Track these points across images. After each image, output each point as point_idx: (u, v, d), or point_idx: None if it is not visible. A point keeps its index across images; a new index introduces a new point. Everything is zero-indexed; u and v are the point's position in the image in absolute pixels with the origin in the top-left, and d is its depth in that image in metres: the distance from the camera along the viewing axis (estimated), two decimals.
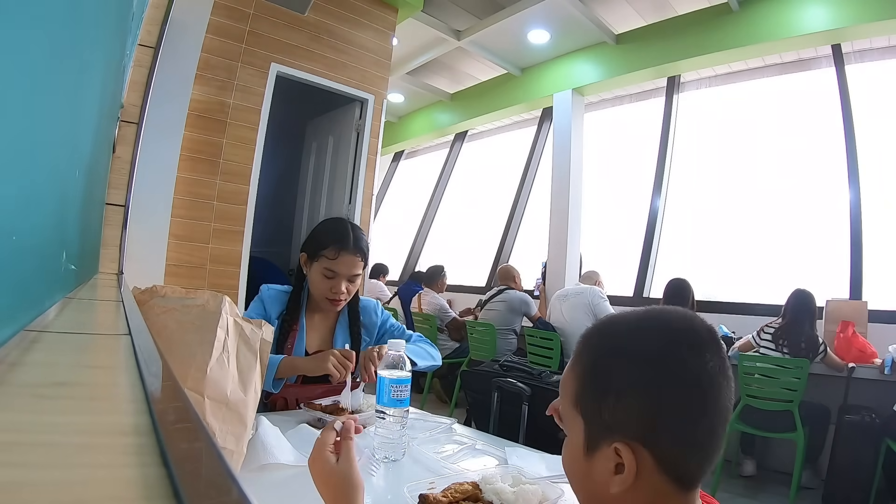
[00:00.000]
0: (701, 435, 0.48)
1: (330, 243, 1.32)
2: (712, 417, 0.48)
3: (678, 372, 0.48)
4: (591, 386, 0.51)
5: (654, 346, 0.49)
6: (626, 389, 0.48)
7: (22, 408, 0.28)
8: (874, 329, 2.81)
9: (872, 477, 2.30)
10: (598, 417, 0.49)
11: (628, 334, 0.52)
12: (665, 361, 0.48)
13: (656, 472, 0.47)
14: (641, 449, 0.47)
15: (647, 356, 0.49)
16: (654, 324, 0.51)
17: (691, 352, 0.48)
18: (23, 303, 0.46)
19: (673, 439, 0.47)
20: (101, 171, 1.45)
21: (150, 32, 1.96)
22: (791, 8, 3.41)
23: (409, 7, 3.81)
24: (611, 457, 0.48)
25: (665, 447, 0.47)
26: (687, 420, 0.47)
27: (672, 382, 0.47)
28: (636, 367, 0.48)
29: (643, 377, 0.48)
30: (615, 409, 0.48)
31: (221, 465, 0.22)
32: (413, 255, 6.27)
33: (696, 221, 4.17)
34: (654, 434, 0.47)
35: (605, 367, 0.51)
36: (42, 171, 0.48)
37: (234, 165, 3.08)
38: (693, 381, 0.47)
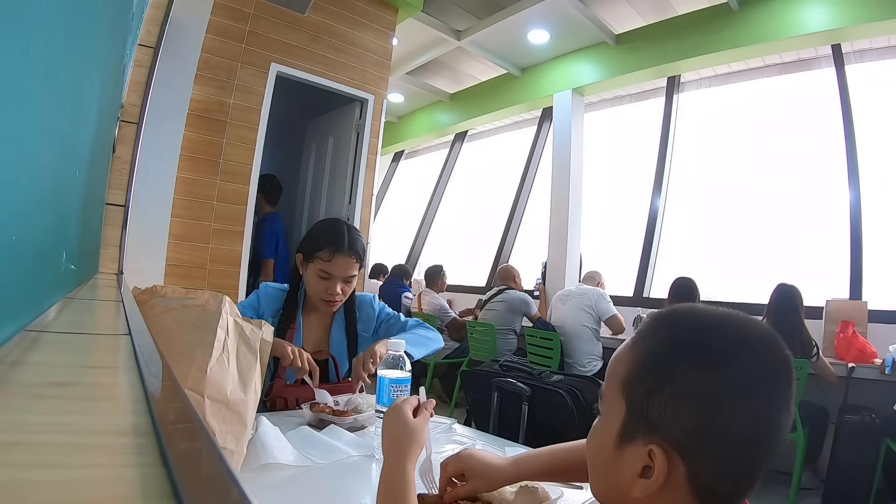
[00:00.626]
0: (746, 465, 0.44)
1: (325, 245, 1.31)
2: (763, 449, 0.43)
3: (751, 395, 0.43)
4: (647, 373, 0.46)
5: (728, 354, 0.44)
6: (682, 391, 0.43)
7: (22, 408, 0.28)
8: (874, 329, 2.81)
9: (872, 477, 2.30)
10: (643, 410, 0.45)
11: (709, 333, 0.46)
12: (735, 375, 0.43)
13: (685, 487, 0.43)
14: (677, 459, 0.43)
15: (718, 363, 0.43)
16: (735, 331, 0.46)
17: (764, 375, 0.43)
18: (23, 303, 0.46)
19: (715, 460, 0.43)
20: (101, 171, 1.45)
21: (150, 32, 1.96)
22: (791, 8, 3.41)
23: (409, 7, 3.81)
24: (642, 457, 0.44)
25: (704, 465, 0.43)
26: (737, 445, 0.43)
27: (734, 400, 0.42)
28: (706, 371, 0.43)
29: (710, 385, 0.43)
30: (665, 407, 0.43)
31: (221, 465, 0.22)
32: (413, 256, 6.27)
33: (696, 221, 4.18)
34: (698, 448, 0.43)
35: (671, 359, 0.45)
36: (42, 172, 0.48)
37: (234, 165, 3.08)
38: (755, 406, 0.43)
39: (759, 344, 0.45)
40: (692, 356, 0.44)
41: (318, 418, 1.11)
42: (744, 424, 0.43)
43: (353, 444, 0.99)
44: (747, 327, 0.46)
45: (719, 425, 0.42)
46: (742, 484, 0.44)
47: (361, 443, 1.00)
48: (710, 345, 0.45)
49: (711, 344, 0.45)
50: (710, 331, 0.46)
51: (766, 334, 0.46)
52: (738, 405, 0.42)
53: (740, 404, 0.42)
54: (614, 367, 0.50)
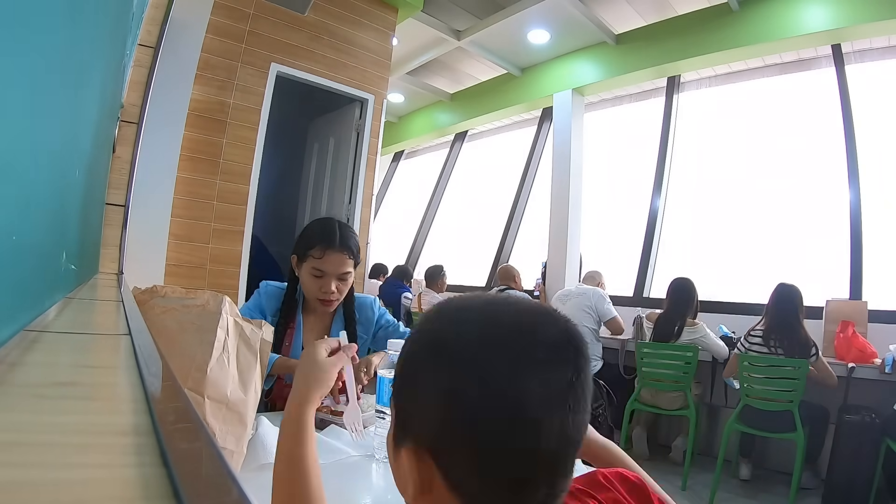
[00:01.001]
0: (506, 467, 0.38)
1: (316, 243, 1.31)
2: (526, 451, 0.38)
3: (488, 388, 0.38)
4: (402, 378, 0.44)
5: (471, 347, 0.40)
6: (426, 392, 0.41)
7: (22, 408, 0.28)
8: (874, 329, 2.80)
9: (872, 477, 2.30)
10: (401, 414, 0.43)
11: (454, 322, 0.43)
12: (476, 370, 0.38)
13: (443, 486, 0.39)
14: (427, 457, 0.40)
15: (459, 359, 0.40)
16: (488, 318, 0.42)
17: (519, 366, 0.38)
18: (23, 303, 0.46)
19: (466, 463, 0.38)
20: (101, 171, 1.45)
21: (150, 32, 1.96)
22: (791, 8, 3.41)
23: (409, 7, 3.81)
24: (409, 459, 0.41)
25: (456, 469, 0.39)
26: (487, 446, 0.38)
27: (476, 398, 0.38)
28: (442, 368, 0.40)
29: (446, 383, 0.39)
30: (414, 410, 0.42)
31: (221, 465, 0.22)
32: (413, 255, 6.27)
33: (696, 221, 4.17)
34: (445, 451, 0.39)
35: (415, 363, 0.43)
36: (42, 171, 0.48)
37: (234, 165, 3.08)
38: (507, 402, 0.38)
39: (519, 330, 0.40)
40: (433, 356, 0.42)
41: (318, 418, 1.11)
42: (493, 426, 0.38)
43: (353, 444, 0.99)
44: (508, 311, 0.42)
45: (464, 428, 0.38)
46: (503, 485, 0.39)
47: (361, 443, 1.00)
48: (455, 339, 0.41)
49: (456, 338, 0.41)
50: (460, 320, 0.43)
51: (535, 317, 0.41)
52: (484, 405, 0.38)
53: (486, 404, 0.38)
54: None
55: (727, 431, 2.60)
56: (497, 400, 0.38)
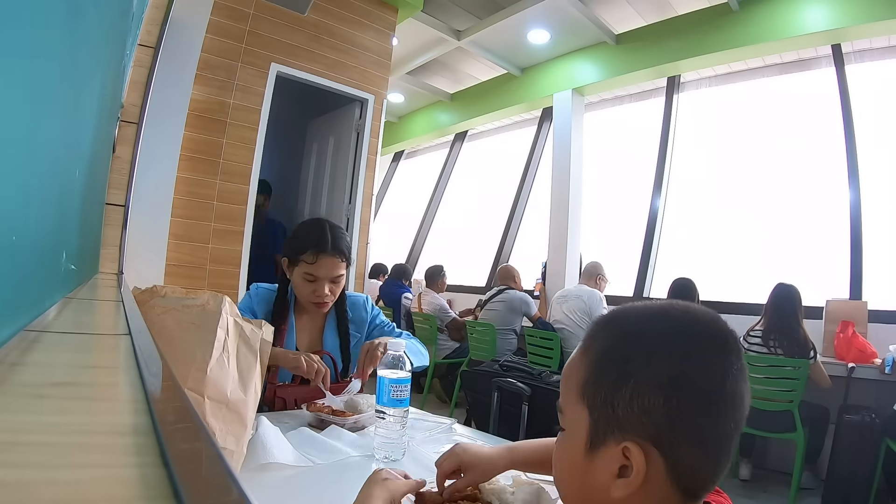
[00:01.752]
0: (718, 442, 0.44)
1: (308, 247, 1.29)
2: (731, 424, 0.44)
3: (703, 369, 0.44)
4: (604, 374, 0.46)
5: (680, 339, 0.45)
6: (645, 382, 0.43)
7: (22, 408, 0.28)
8: (874, 329, 2.80)
9: (872, 477, 2.30)
10: (608, 410, 0.45)
11: (652, 324, 0.47)
12: (692, 357, 0.44)
13: (665, 478, 0.43)
14: (653, 451, 0.43)
15: (674, 349, 0.44)
16: (681, 315, 0.47)
17: (718, 352, 0.44)
18: (23, 303, 0.46)
19: (689, 444, 0.43)
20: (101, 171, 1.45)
21: (150, 32, 1.96)
22: (791, 8, 3.41)
23: (409, 7, 3.81)
24: (616, 457, 0.44)
25: (680, 452, 0.43)
26: (707, 424, 0.43)
27: (696, 380, 0.43)
28: (660, 358, 0.44)
29: (667, 371, 0.43)
30: (631, 402, 0.43)
31: (221, 465, 0.22)
32: (413, 255, 6.27)
33: (696, 221, 4.17)
34: (671, 435, 0.42)
35: (624, 354, 0.45)
36: (42, 172, 0.48)
37: (234, 165, 3.08)
38: (718, 382, 0.43)
39: (708, 324, 0.46)
40: (647, 347, 0.45)
41: (318, 418, 1.11)
42: (709, 400, 0.43)
43: (353, 444, 0.99)
44: (693, 311, 0.47)
45: (688, 410, 0.43)
46: (719, 462, 0.44)
47: (361, 443, 1.00)
48: (663, 334, 0.46)
49: (664, 333, 0.46)
50: (659, 320, 0.47)
51: (710, 315, 0.47)
52: (699, 384, 0.43)
53: (701, 383, 0.43)
54: (568, 377, 0.50)
55: None
56: (717, 384, 0.43)
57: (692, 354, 0.44)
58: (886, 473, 2.33)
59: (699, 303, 2.98)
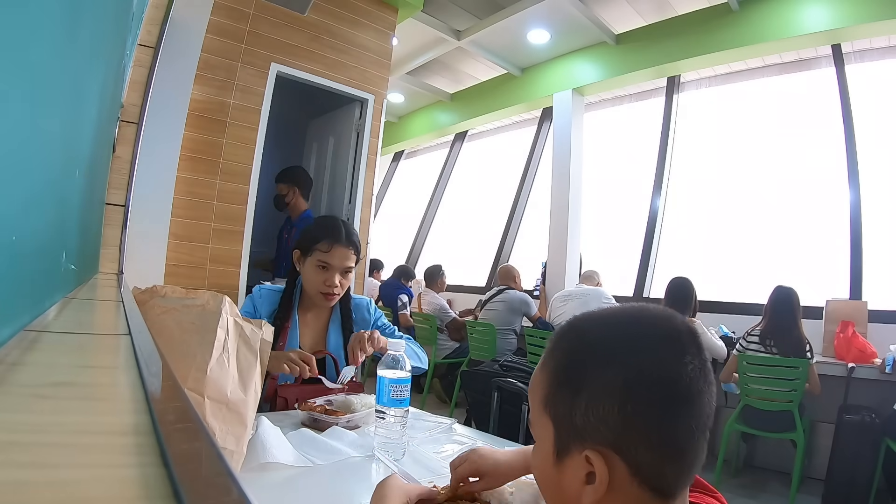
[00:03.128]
0: (679, 441, 0.44)
1: (323, 237, 1.37)
2: (691, 422, 0.44)
3: (655, 372, 0.44)
4: (562, 386, 0.47)
5: (629, 344, 0.46)
6: (598, 390, 0.44)
7: (22, 408, 0.28)
8: (874, 329, 2.81)
9: (872, 477, 2.30)
10: (568, 421, 0.46)
11: (604, 332, 0.48)
12: (641, 361, 0.44)
13: (631, 481, 0.44)
14: (614, 456, 0.44)
15: (622, 355, 0.45)
16: (631, 321, 0.48)
17: (670, 352, 0.45)
18: (23, 303, 0.46)
19: (648, 446, 0.43)
20: (101, 171, 1.45)
21: (150, 32, 1.96)
22: (791, 8, 3.41)
23: (409, 7, 3.81)
24: (581, 465, 0.45)
25: (639, 455, 0.43)
26: (663, 425, 0.43)
27: (648, 383, 0.44)
28: (610, 365, 0.45)
29: (616, 377, 0.44)
30: (587, 411, 0.44)
31: (221, 465, 0.22)
32: (413, 255, 6.27)
33: (695, 221, 4.17)
34: (628, 440, 0.43)
35: (578, 366, 0.47)
36: (42, 172, 0.48)
37: (234, 165, 3.08)
38: (671, 382, 0.44)
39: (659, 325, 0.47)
40: (598, 356, 0.46)
41: (312, 418, 1.10)
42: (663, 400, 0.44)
43: (353, 444, 0.99)
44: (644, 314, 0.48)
45: (642, 414, 0.43)
46: (684, 461, 0.45)
47: (362, 443, 1.00)
48: (614, 341, 0.47)
49: (614, 340, 0.47)
50: (609, 328, 0.48)
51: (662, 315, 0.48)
52: (654, 389, 0.44)
53: (656, 388, 0.44)
54: (532, 390, 0.51)
55: (727, 431, 2.60)
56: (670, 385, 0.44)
57: (643, 358, 0.45)
58: (886, 473, 2.33)
59: (696, 303, 2.99)
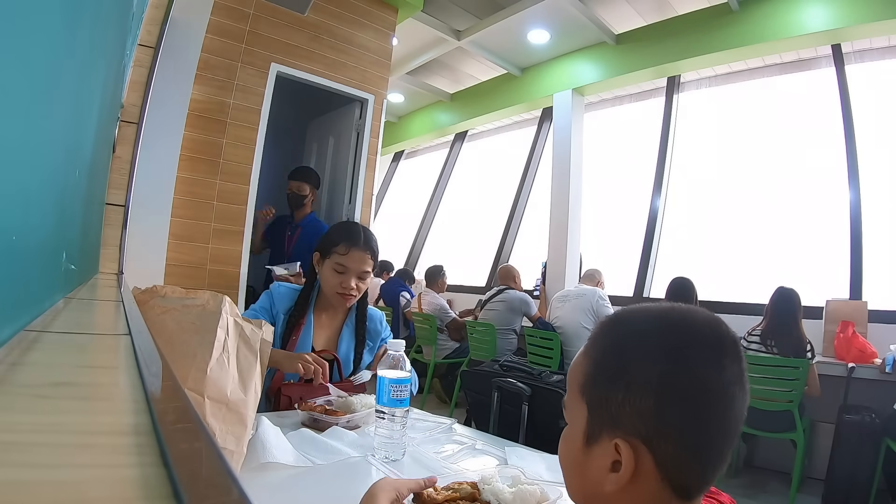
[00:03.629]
0: (707, 443, 0.45)
1: (342, 241, 1.41)
2: (722, 427, 0.46)
3: (694, 374, 0.45)
4: (602, 374, 0.49)
5: (674, 342, 0.47)
6: (637, 383, 0.45)
7: (22, 408, 0.28)
8: (874, 329, 2.81)
9: (872, 477, 2.30)
10: (603, 408, 0.47)
11: (650, 326, 0.49)
12: (683, 360, 0.45)
13: (655, 475, 0.45)
14: (643, 448, 0.45)
15: (666, 352, 0.46)
16: (679, 320, 0.49)
17: (711, 356, 0.46)
18: (23, 303, 0.46)
19: (678, 443, 0.44)
20: (101, 171, 1.45)
21: (150, 32, 1.96)
22: (791, 8, 3.41)
23: (409, 7, 3.81)
24: (609, 452, 0.46)
25: (668, 450, 0.44)
26: (695, 425, 0.45)
27: (686, 383, 0.45)
28: (652, 361, 0.46)
29: (658, 373, 0.45)
30: (623, 401, 0.46)
31: (221, 465, 0.22)
32: (413, 255, 6.27)
33: (696, 221, 4.17)
34: (659, 434, 0.44)
35: (620, 357, 0.48)
36: (42, 172, 0.48)
37: (234, 165, 3.08)
38: (708, 385, 0.45)
39: (705, 328, 0.47)
40: (642, 350, 0.47)
41: (312, 418, 1.10)
42: (698, 401, 0.45)
43: (353, 444, 0.99)
44: (691, 315, 0.49)
45: (677, 411, 0.45)
46: (709, 463, 0.46)
47: (362, 443, 1.00)
48: (658, 337, 0.48)
49: (659, 336, 0.48)
50: (656, 324, 0.49)
51: (709, 319, 0.48)
52: (692, 389, 0.45)
53: (693, 388, 0.45)
54: (572, 374, 0.52)
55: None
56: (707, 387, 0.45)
57: (684, 359, 0.46)
58: (886, 473, 2.33)
59: (697, 303, 2.99)
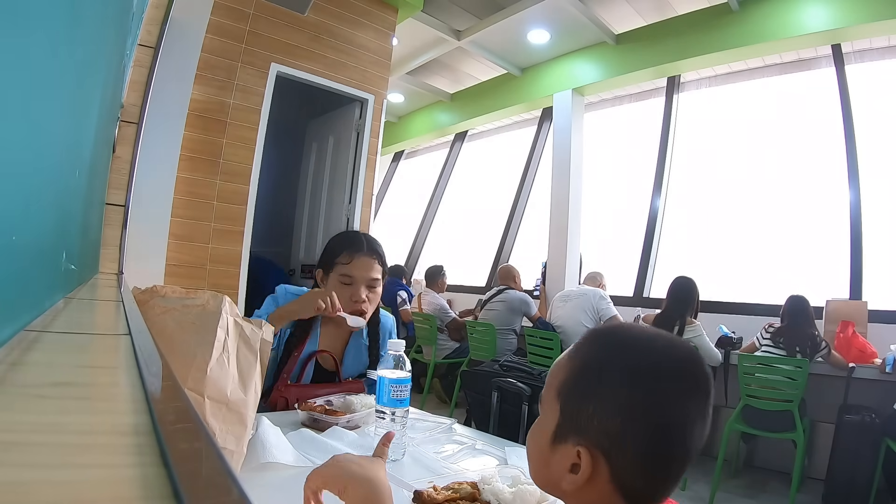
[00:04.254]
0: (664, 464, 0.49)
1: (343, 249, 1.31)
2: (678, 454, 0.49)
3: (662, 404, 0.49)
4: (578, 384, 0.52)
5: (650, 370, 0.50)
6: (608, 402, 0.49)
7: (22, 408, 0.28)
8: (874, 329, 2.81)
9: (872, 477, 2.30)
10: (574, 416, 0.50)
11: (631, 350, 0.52)
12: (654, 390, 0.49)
13: (608, 484, 0.49)
14: (601, 459, 0.48)
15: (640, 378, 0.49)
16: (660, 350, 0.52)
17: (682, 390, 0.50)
18: (23, 303, 0.46)
19: (635, 461, 0.48)
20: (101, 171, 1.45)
21: (150, 32, 1.96)
22: (791, 8, 3.41)
23: (409, 7, 3.81)
24: (571, 455, 0.49)
25: (624, 466, 0.48)
26: (656, 452, 0.49)
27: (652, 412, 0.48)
28: (626, 384, 0.49)
29: (629, 396, 0.49)
30: (592, 415, 0.49)
31: (221, 465, 0.22)
32: (413, 255, 6.27)
33: (696, 221, 4.17)
34: (620, 451, 0.48)
35: (598, 374, 0.51)
36: (42, 171, 0.48)
37: (234, 165, 3.08)
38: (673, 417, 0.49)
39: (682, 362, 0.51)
40: (618, 373, 0.50)
41: (312, 417, 1.10)
42: (661, 432, 0.49)
43: (353, 444, 0.99)
44: (671, 348, 0.52)
45: (639, 433, 0.48)
46: (660, 482, 0.50)
47: (362, 443, 1.00)
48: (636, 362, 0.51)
49: (637, 361, 0.51)
50: (638, 348, 0.52)
51: (688, 354, 0.52)
52: (656, 417, 0.49)
53: (658, 417, 0.49)
54: (553, 373, 0.55)
55: (727, 431, 2.60)
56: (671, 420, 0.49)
57: (655, 389, 0.49)
58: (886, 473, 2.33)
59: (698, 302, 3.00)
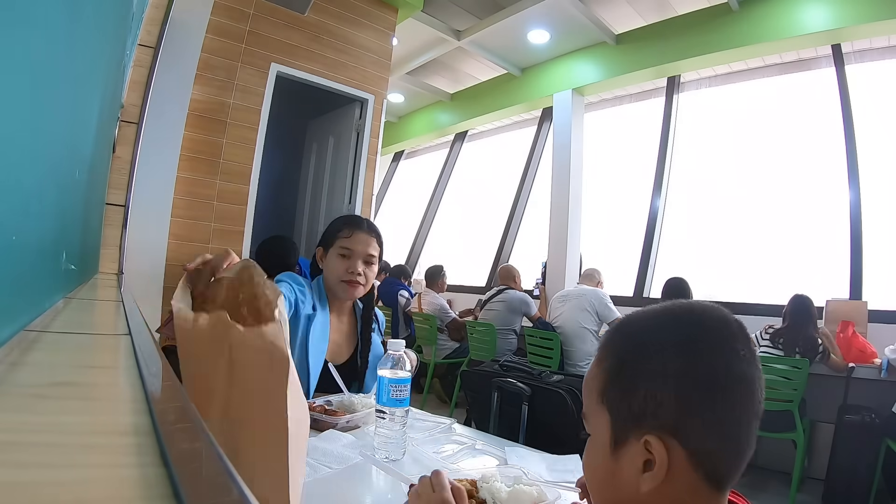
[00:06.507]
0: (733, 428, 0.46)
1: (344, 226, 1.37)
2: (744, 407, 0.46)
3: (709, 360, 0.46)
4: (619, 377, 0.49)
5: (685, 333, 0.47)
6: (656, 378, 0.46)
7: (22, 408, 0.28)
8: (874, 329, 2.81)
9: (872, 477, 2.30)
10: (625, 409, 0.47)
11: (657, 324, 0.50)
12: (697, 349, 0.46)
13: (689, 468, 0.45)
14: (673, 441, 0.45)
15: (678, 346, 0.47)
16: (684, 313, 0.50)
17: (721, 340, 0.47)
18: (23, 303, 0.46)
19: (705, 430, 0.45)
20: (101, 171, 1.45)
21: (150, 32, 1.96)
22: (791, 8, 3.41)
23: (409, 7, 3.81)
24: (639, 452, 0.46)
25: (697, 438, 0.44)
26: (718, 409, 0.45)
27: (703, 372, 0.45)
28: (667, 356, 0.46)
29: (674, 367, 0.46)
30: (645, 398, 0.46)
31: (221, 465, 0.22)
32: (413, 255, 6.27)
33: (696, 221, 4.17)
34: (686, 423, 0.45)
35: (634, 355, 0.49)
36: (42, 172, 0.48)
37: (234, 165, 3.08)
38: (724, 370, 0.45)
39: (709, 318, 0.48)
40: (654, 345, 0.48)
41: (312, 418, 1.10)
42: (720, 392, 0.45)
43: (352, 445, 0.99)
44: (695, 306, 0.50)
45: (698, 400, 0.45)
46: (739, 447, 0.46)
47: (362, 443, 1.00)
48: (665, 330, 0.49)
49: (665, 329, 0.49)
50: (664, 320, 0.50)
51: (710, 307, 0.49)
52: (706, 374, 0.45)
53: (707, 372, 0.45)
54: (588, 385, 0.53)
55: None
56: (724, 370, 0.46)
57: (695, 346, 0.46)
58: (886, 473, 2.33)
59: None
